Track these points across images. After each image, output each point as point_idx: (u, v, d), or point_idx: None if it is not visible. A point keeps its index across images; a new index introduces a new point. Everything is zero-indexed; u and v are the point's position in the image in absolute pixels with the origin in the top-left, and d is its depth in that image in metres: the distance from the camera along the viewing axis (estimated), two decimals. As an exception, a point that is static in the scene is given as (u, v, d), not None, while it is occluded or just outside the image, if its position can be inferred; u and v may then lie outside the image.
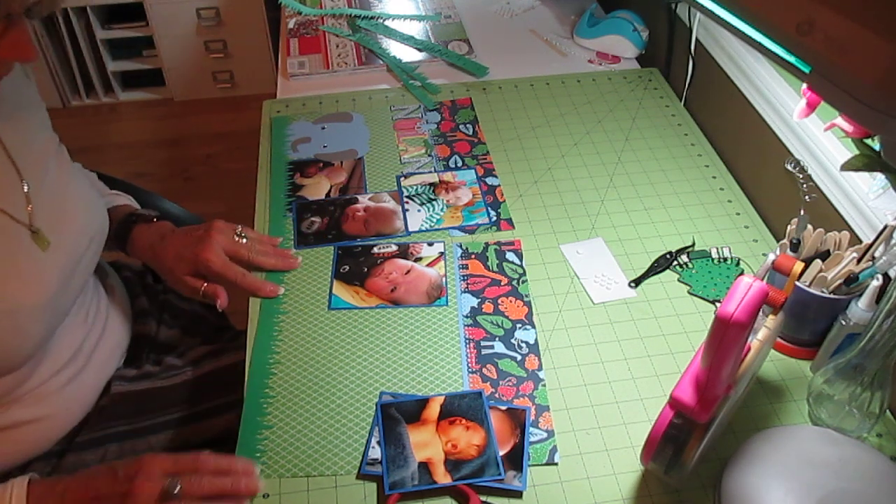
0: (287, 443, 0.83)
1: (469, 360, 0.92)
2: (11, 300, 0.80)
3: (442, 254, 1.04)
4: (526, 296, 1.00)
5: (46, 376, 0.89)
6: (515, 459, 0.81)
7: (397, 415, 0.85)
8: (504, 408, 0.86)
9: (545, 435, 0.84)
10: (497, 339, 0.94)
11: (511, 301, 0.99)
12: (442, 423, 0.84)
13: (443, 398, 0.87)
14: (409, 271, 1.02)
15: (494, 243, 1.07)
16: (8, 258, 0.81)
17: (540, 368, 0.91)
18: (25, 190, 0.85)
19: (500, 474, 0.79)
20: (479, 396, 0.86)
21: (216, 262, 0.97)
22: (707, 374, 0.69)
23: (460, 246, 1.06)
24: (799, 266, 0.76)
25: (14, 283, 0.81)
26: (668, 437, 0.74)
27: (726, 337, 0.65)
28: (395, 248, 1.05)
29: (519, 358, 0.92)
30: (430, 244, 1.06)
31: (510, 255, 1.05)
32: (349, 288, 1.00)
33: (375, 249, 1.04)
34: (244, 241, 1.00)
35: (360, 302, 0.98)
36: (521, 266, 1.04)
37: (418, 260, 1.03)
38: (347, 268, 1.02)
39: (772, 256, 0.78)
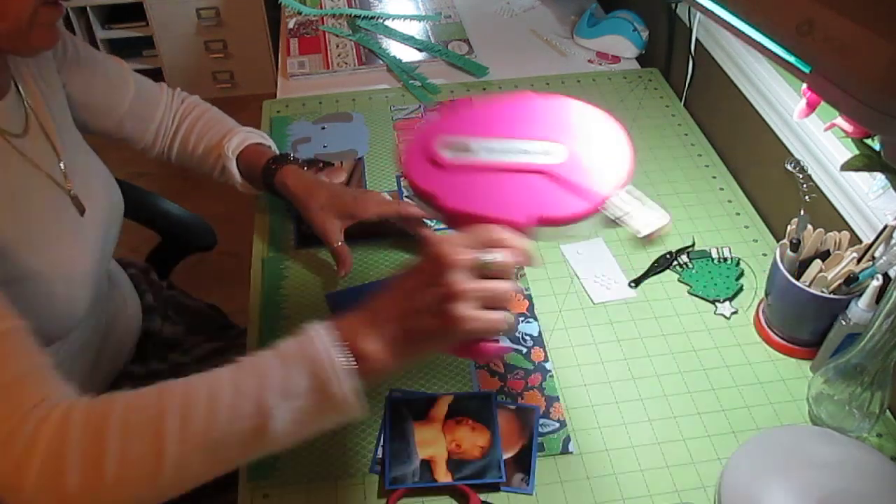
0: (300, 447, 0.82)
1: (475, 356, 0.92)
2: (66, 265, 0.81)
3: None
4: (526, 289, 1.00)
5: (66, 360, 0.90)
6: (523, 461, 0.81)
7: (405, 411, 0.85)
8: (513, 407, 0.86)
9: (557, 425, 0.85)
10: (501, 333, 0.94)
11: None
12: (448, 423, 0.84)
13: (451, 397, 0.87)
14: None
15: None
16: (58, 223, 0.82)
17: (546, 360, 0.91)
18: (59, 156, 0.86)
19: (500, 477, 0.79)
20: (489, 398, 0.86)
21: (372, 205, 1.00)
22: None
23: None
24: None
25: (67, 248, 0.82)
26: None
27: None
28: None
29: (525, 351, 0.92)
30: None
31: (509, 254, 1.05)
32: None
33: None
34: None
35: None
36: (519, 262, 1.04)
37: None
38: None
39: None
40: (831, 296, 0.84)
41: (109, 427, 0.58)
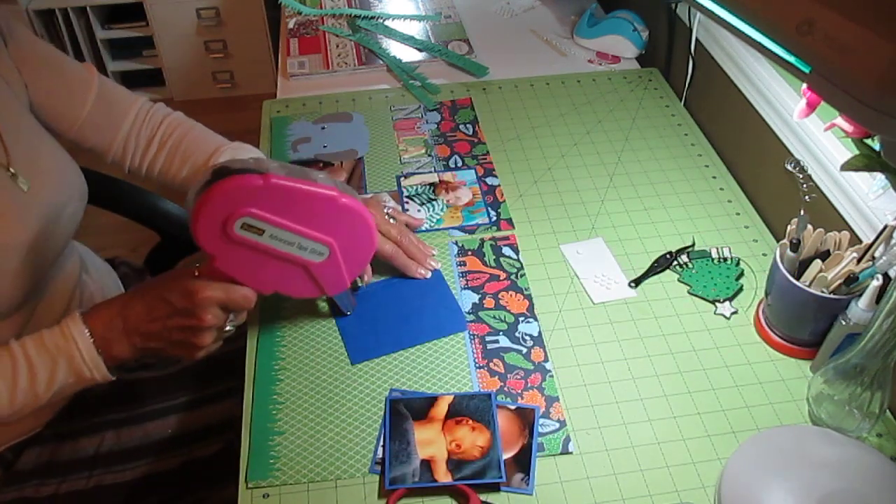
0: (300, 447, 0.83)
1: (475, 355, 0.92)
2: None
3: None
4: (526, 289, 1.00)
5: None
6: (523, 461, 0.81)
7: (405, 411, 0.85)
8: (513, 407, 0.86)
9: (557, 426, 0.85)
10: (501, 333, 0.94)
11: (511, 295, 0.99)
12: (448, 423, 0.84)
13: (451, 397, 0.87)
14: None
15: (490, 239, 1.07)
16: None
17: (546, 360, 0.91)
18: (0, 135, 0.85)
19: (500, 477, 0.79)
20: (489, 398, 0.86)
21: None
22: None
23: (456, 243, 1.06)
24: None
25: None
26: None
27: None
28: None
29: (524, 351, 0.92)
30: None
31: (506, 250, 1.05)
32: None
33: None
34: (392, 221, 1.00)
35: None
36: (518, 260, 1.04)
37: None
38: None
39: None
40: (831, 296, 0.84)
41: None
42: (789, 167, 1.03)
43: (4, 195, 0.84)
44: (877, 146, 0.75)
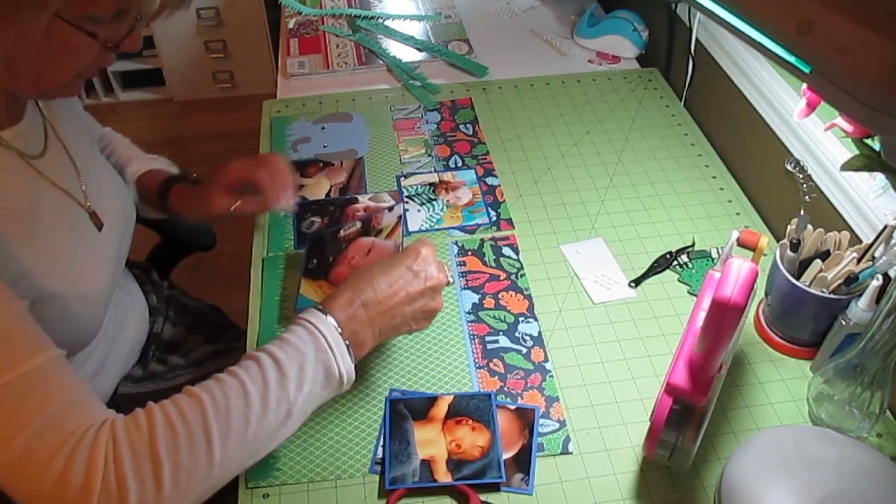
0: (300, 447, 0.83)
1: (475, 355, 0.92)
2: (83, 284, 0.80)
3: (400, 217, 1.02)
4: (526, 289, 1.00)
5: (76, 365, 0.89)
6: (523, 461, 0.81)
7: (405, 411, 0.85)
8: (513, 407, 0.86)
9: (557, 426, 0.85)
10: (501, 333, 0.94)
11: (511, 295, 0.99)
12: (448, 423, 0.84)
13: (451, 397, 0.87)
14: (369, 251, 0.98)
15: (490, 239, 1.07)
16: (78, 242, 0.82)
17: (546, 360, 0.91)
18: (78, 173, 0.86)
19: (500, 477, 0.79)
20: (489, 398, 0.86)
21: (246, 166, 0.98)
22: (704, 358, 0.68)
23: (456, 243, 1.06)
24: (765, 240, 0.77)
25: (84, 267, 0.81)
26: (670, 424, 0.74)
27: (725, 320, 0.65)
28: (359, 225, 1.01)
29: (524, 351, 0.92)
30: (390, 209, 1.03)
31: (506, 250, 1.05)
32: (314, 284, 0.96)
33: (342, 232, 1.01)
34: None
35: (322, 297, 0.97)
36: (518, 260, 1.04)
37: (379, 233, 1.01)
38: (315, 261, 0.99)
39: (735, 234, 0.79)
40: (831, 296, 0.84)
41: (157, 440, 0.63)
42: (789, 167, 1.03)
43: (87, 243, 0.83)
44: (877, 146, 0.75)
